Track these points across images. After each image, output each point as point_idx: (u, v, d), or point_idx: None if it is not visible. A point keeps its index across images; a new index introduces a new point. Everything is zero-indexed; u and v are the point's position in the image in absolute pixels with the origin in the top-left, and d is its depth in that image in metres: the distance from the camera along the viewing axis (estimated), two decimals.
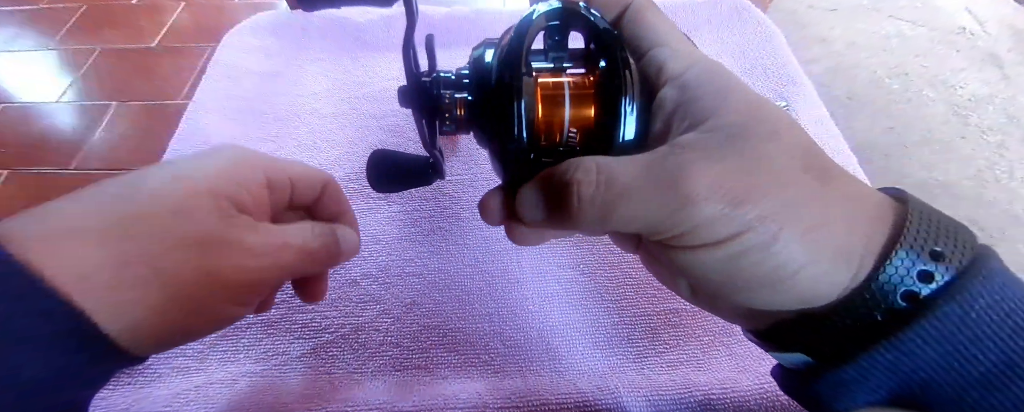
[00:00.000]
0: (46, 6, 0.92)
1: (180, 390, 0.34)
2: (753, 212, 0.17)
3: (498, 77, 0.20)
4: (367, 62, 0.58)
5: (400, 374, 0.36)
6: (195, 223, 0.23)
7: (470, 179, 0.46)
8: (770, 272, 0.17)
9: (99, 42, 0.81)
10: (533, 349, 0.37)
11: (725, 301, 0.21)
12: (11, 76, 0.77)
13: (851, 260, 0.17)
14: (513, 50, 0.19)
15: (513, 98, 0.19)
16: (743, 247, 0.17)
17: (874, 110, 0.63)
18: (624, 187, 0.17)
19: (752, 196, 0.17)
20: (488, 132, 0.21)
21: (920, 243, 0.17)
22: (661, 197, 0.17)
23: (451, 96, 0.21)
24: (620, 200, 0.17)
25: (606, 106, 0.19)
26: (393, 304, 0.39)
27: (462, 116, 0.21)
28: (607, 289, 0.39)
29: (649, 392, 0.33)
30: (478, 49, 0.22)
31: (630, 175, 0.18)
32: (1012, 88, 0.58)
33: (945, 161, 0.55)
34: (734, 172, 0.17)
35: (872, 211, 0.18)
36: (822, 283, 0.17)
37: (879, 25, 0.66)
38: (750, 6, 0.60)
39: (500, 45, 0.21)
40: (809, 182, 0.18)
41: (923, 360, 0.16)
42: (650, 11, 0.21)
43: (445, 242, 0.42)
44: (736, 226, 0.17)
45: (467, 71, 0.22)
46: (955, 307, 0.16)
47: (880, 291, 0.17)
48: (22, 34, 0.87)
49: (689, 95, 0.19)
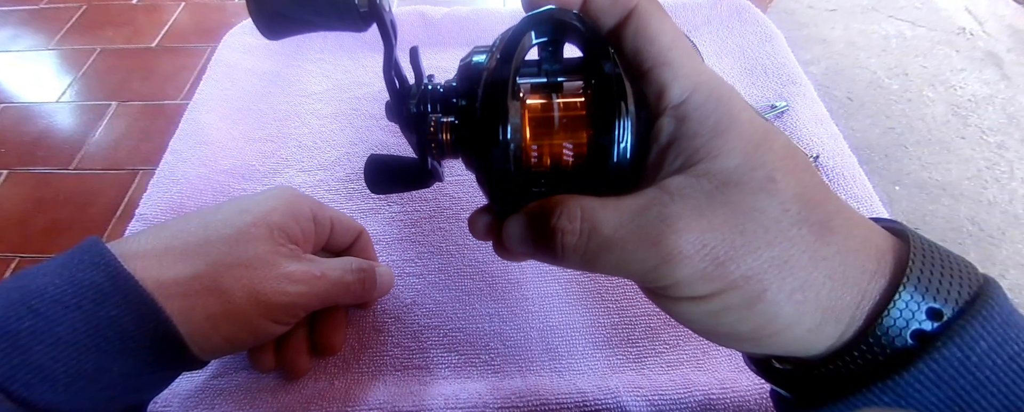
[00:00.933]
0: (46, 6, 0.92)
1: (180, 390, 0.34)
2: (737, 271, 0.16)
3: (483, 102, 0.18)
4: (367, 62, 0.58)
5: (400, 374, 0.36)
6: (251, 248, 0.27)
7: (470, 179, 0.46)
8: (754, 329, 0.17)
9: (99, 42, 0.81)
10: (533, 349, 0.37)
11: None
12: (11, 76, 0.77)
13: (841, 317, 0.17)
14: (499, 71, 0.18)
15: (498, 125, 0.18)
16: (724, 305, 0.17)
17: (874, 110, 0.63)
18: (607, 239, 0.17)
19: (738, 254, 0.16)
20: (474, 158, 0.20)
21: (919, 294, 0.16)
22: (644, 251, 0.16)
23: (437, 121, 0.20)
24: (603, 251, 0.17)
25: (599, 131, 0.18)
26: (393, 304, 0.39)
27: (448, 140, 0.20)
28: (607, 289, 0.39)
29: (649, 392, 0.33)
30: (466, 59, 0.21)
31: (614, 226, 0.17)
32: (1012, 88, 0.58)
33: (945, 161, 0.55)
34: (721, 227, 0.16)
35: (871, 265, 0.17)
36: (808, 339, 0.17)
37: (879, 25, 0.66)
38: (750, 6, 0.60)
39: (489, 60, 0.19)
40: (802, 237, 0.16)
41: (923, 404, 0.16)
42: (655, 18, 0.19)
43: (445, 242, 0.42)
44: (718, 284, 0.16)
45: (455, 84, 0.21)
46: (955, 350, 0.15)
47: (876, 346, 0.16)
48: (22, 34, 0.87)
49: (685, 130, 0.17)
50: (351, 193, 0.46)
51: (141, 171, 0.56)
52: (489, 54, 0.20)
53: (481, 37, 0.58)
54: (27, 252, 0.50)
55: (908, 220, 0.58)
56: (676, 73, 0.18)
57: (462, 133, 0.20)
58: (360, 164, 0.48)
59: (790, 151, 0.18)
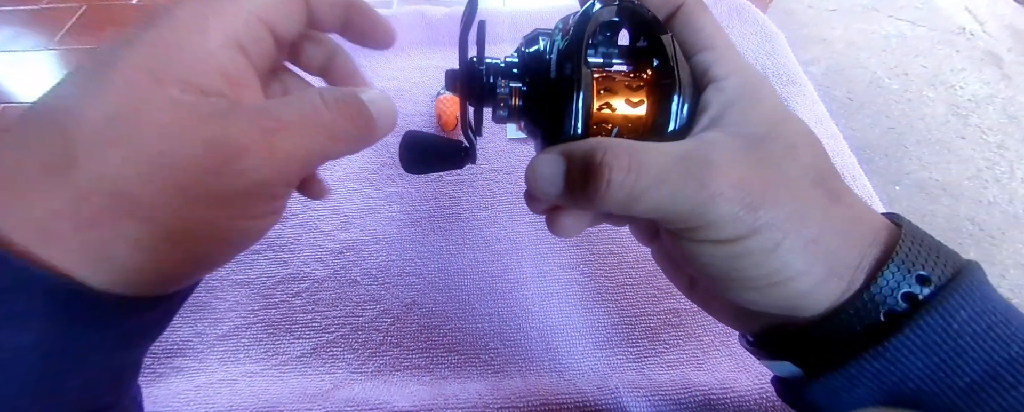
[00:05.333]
0: (46, 6, 0.92)
1: (180, 390, 0.34)
2: (763, 218, 0.17)
3: (558, 68, 0.20)
4: (367, 62, 0.58)
5: (400, 374, 0.36)
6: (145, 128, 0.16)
7: (470, 179, 0.46)
8: (767, 274, 0.18)
9: (99, 42, 0.81)
10: (533, 349, 0.37)
11: (719, 296, 0.21)
12: (11, 76, 0.77)
13: (844, 275, 0.18)
14: (574, 42, 0.20)
15: (574, 90, 0.19)
16: (746, 249, 0.18)
17: (874, 110, 0.63)
18: (656, 176, 0.18)
19: (765, 202, 0.18)
20: (542, 123, 0.21)
21: (908, 264, 0.18)
22: (688, 190, 0.17)
23: (507, 85, 0.22)
24: (651, 188, 0.18)
25: (659, 103, 0.20)
26: (393, 304, 0.39)
27: (517, 105, 0.22)
28: (607, 289, 0.39)
29: (649, 392, 0.33)
30: (529, 37, 0.22)
31: (661, 165, 0.18)
32: (1012, 88, 0.58)
33: (945, 161, 0.55)
34: (753, 178, 0.18)
35: (870, 234, 0.19)
36: (814, 292, 0.18)
37: (879, 25, 0.66)
38: (750, 6, 0.60)
39: (556, 37, 0.21)
40: (817, 198, 0.19)
41: (911, 370, 0.17)
42: (701, 14, 0.21)
43: (445, 242, 0.42)
44: (745, 228, 0.18)
45: (516, 60, 0.22)
46: (937, 317, 0.17)
47: (870, 303, 0.18)
48: (22, 34, 0.87)
49: (724, 98, 0.19)
50: (351, 193, 0.46)
51: None
52: (550, 36, 0.21)
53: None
54: None
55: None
56: (719, 56, 0.20)
57: (532, 97, 0.21)
58: (360, 164, 0.48)
59: (808, 132, 0.20)
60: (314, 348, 0.37)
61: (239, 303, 0.39)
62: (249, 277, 0.40)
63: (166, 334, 0.36)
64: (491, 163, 0.47)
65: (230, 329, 0.38)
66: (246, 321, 0.38)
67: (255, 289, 0.40)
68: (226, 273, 0.40)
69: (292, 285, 0.40)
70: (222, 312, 0.39)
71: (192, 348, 0.37)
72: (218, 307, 0.39)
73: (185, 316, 0.38)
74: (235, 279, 0.40)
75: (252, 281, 0.40)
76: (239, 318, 0.38)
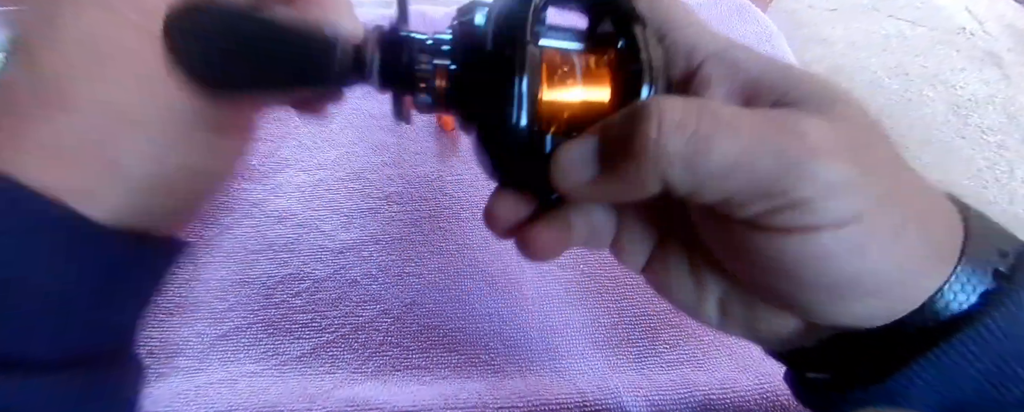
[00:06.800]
0: None
1: (180, 390, 0.34)
2: (880, 185, 0.13)
3: (495, 42, 0.15)
4: None
5: (400, 374, 0.36)
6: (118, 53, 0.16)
7: (470, 179, 0.46)
8: (886, 270, 0.14)
9: None
10: (533, 349, 0.37)
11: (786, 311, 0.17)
12: None
13: (947, 258, 0.14)
14: (517, 12, 0.15)
15: (515, 70, 0.14)
16: (866, 234, 0.13)
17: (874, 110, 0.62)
18: (730, 119, 0.13)
19: (877, 169, 0.13)
20: (477, 111, 0.16)
21: (988, 240, 0.15)
22: (781, 141, 0.13)
23: (429, 62, 0.16)
24: (725, 134, 0.13)
25: (625, 91, 0.16)
26: (393, 304, 0.39)
27: (442, 88, 0.17)
28: (607, 289, 0.39)
29: (649, 392, 0.33)
30: (464, 10, 0.18)
31: (733, 111, 0.13)
32: (1012, 88, 0.58)
33: (945, 161, 0.55)
34: (852, 145, 0.13)
35: (951, 207, 0.16)
36: (918, 287, 0.14)
37: (879, 25, 0.66)
38: (750, 6, 0.60)
39: (495, 7, 0.16)
40: (911, 175, 0.15)
41: (964, 378, 0.14)
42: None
43: (445, 242, 0.42)
44: (862, 203, 0.13)
45: (448, 37, 0.17)
46: (999, 319, 0.14)
47: (967, 285, 0.14)
48: None
49: (746, 71, 0.15)
50: (351, 193, 0.46)
51: None
52: (491, 7, 0.17)
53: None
54: None
55: None
56: (703, 30, 0.17)
57: (463, 79, 0.16)
58: (360, 164, 0.48)
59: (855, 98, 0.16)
60: (314, 348, 0.37)
61: (239, 303, 0.39)
62: (249, 277, 0.40)
63: (166, 334, 0.36)
64: None
65: (230, 329, 0.38)
66: (246, 321, 0.38)
67: (255, 289, 0.40)
68: (226, 273, 0.40)
69: (292, 285, 0.40)
70: (222, 312, 0.39)
71: (192, 348, 0.37)
72: (218, 307, 0.39)
73: (185, 316, 0.38)
74: (235, 279, 0.40)
75: (252, 281, 0.40)
76: (239, 318, 0.38)
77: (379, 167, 0.48)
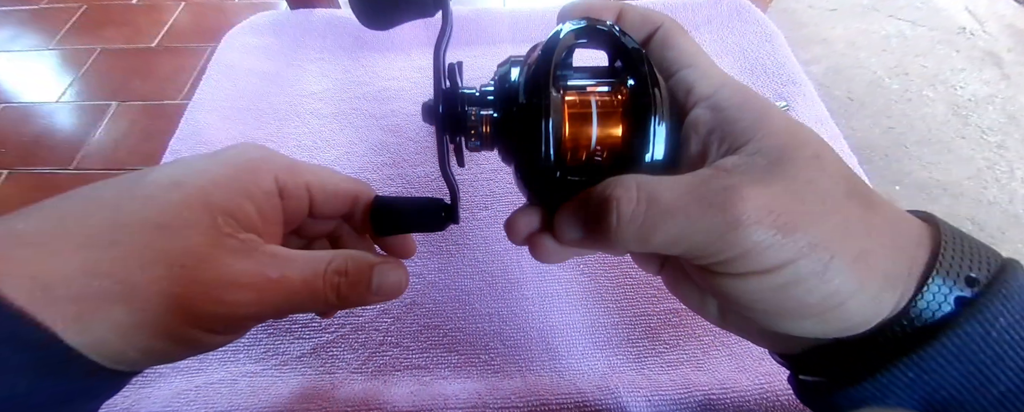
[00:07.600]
0: (46, 6, 0.92)
1: (180, 390, 0.34)
2: (804, 239, 0.16)
3: (526, 94, 0.20)
4: (367, 62, 0.58)
5: (400, 374, 0.36)
6: (180, 239, 0.19)
7: (471, 179, 0.46)
8: (820, 301, 0.17)
9: (99, 42, 0.81)
10: (533, 349, 0.37)
11: (762, 327, 0.20)
12: (11, 76, 0.77)
13: (897, 285, 0.17)
14: (541, 67, 0.19)
15: (541, 116, 0.19)
16: (795, 276, 0.16)
17: (874, 110, 0.63)
18: (668, 206, 0.17)
19: (803, 222, 0.16)
20: (514, 149, 0.21)
21: (957, 267, 0.17)
22: (708, 219, 0.16)
23: (477, 113, 0.21)
24: (663, 219, 0.17)
25: (635, 124, 0.19)
26: (393, 304, 0.39)
27: (488, 133, 0.21)
28: (607, 289, 0.39)
29: (649, 392, 0.33)
30: (503, 66, 0.22)
31: (674, 194, 0.17)
32: (1012, 88, 0.58)
33: (945, 161, 0.55)
34: (783, 197, 0.16)
35: (913, 238, 0.18)
36: (869, 310, 0.17)
37: (879, 25, 0.66)
38: (750, 6, 0.60)
39: (527, 62, 0.21)
40: (854, 208, 0.17)
41: (945, 379, 0.16)
42: (680, 35, 0.21)
43: (445, 242, 0.42)
44: (788, 254, 0.16)
45: (491, 88, 0.22)
46: (977, 325, 0.16)
47: (925, 311, 0.17)
48: (22, 34, 0.87)
49: (724, 116, 0.18)
50: None
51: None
52: (524, 63, 0.21)
53: (481, 37, 0.58)
54: None
55: None
56: (702, 72, 0.20)
57: (503, 124, 0.21)
58: (360, 164, 0.48)
59: (821, 139, 0.19)
60: (314, 348, 0.37)
61: None
62: None
63: None
64: (491, 163, 0.47)
65: None
66: None
67: None
68: None
69: None
70: None
71: None
72: None
73: None
74: None
75: None
76: None
77: (379, 167, 0.48)
